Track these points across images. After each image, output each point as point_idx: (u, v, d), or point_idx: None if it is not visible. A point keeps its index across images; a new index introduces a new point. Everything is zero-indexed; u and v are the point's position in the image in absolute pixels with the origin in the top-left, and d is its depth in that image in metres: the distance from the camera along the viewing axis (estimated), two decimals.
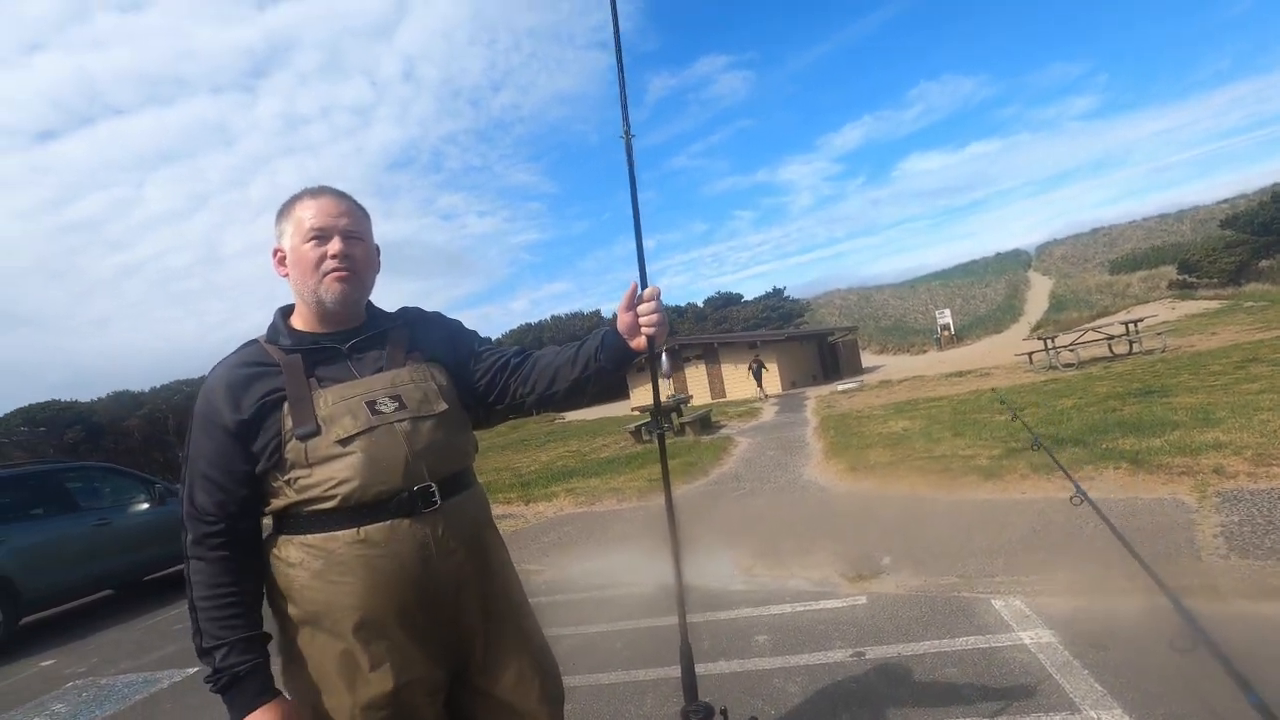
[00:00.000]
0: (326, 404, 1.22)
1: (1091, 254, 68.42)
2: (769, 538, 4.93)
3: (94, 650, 5.33)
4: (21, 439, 52.63)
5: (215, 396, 1.21)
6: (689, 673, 1.48)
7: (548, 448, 16.64)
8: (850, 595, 3.55)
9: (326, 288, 1.27)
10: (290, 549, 1.22)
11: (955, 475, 5.55)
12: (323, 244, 1.27)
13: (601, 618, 3.85)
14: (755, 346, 26.81)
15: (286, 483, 1.20)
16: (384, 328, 1.36)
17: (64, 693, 4.36)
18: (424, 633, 1.23)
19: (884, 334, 48.48)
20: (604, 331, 1.41)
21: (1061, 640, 2.65)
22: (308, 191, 1.31)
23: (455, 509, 1.29)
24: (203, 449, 1.21)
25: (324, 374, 1.26)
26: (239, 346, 1.30)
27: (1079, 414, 7.34)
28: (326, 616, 1.19)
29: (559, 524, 6.95)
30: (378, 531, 1.20)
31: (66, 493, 6.82)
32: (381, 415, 1.23)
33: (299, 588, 1.20)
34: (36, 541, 6.18)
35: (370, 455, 1.20)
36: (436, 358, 1.37)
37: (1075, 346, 13.87)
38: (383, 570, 1.19)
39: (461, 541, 1.29)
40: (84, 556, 6.50)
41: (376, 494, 1.20)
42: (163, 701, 3.86)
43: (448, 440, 1.30)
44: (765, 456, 9.10)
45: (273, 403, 1.20)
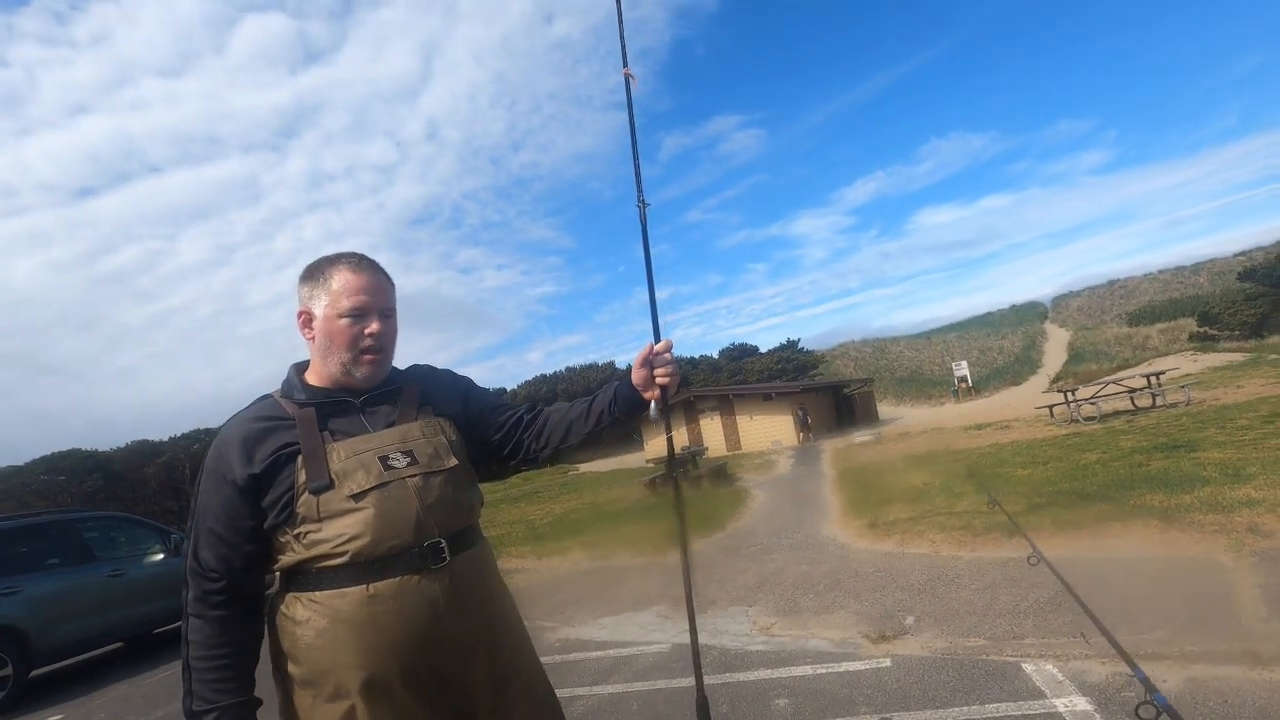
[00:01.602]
0: (340, 458, 1.22)
1: (1108, 306, 68.07)
2: (788, 596, 4.82)
3: (101, 705, 5.25)
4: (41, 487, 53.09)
5: (228, 450, 1.22)
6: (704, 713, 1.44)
7: (561, 499, 16.49)
8: (873, 657, 3.44)
9: (359, 366, 1.29)
10: (297, 606, 1.20)
11: (977, 532, 5.42)
12: (360, 322, 1.28)
13: (616, 678, 3.75)
14: (770, 398, 26.69)
15: (295, 538, 1.20)
16: (396, 384, 1.38)
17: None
18: (429, 693, 1.21)
19: (900, 386, 48.12)
20: (615, 385, 1.43)
21: (1095, 706, 2.54)
22: (345, 262, 1.31)
23: (464, 565, 1.28)
24: (211, 504, 1.21)
25: (336, 427, 1.27)
26: (253, 401, 1.32)
27: (1103, 469, 7.18)
28: (331, 676, 1.17)
29: (572, 579, 6.84)
30: (387, 588, 1.18)
31: (83, 542, 6.83)
32: (394, 470, 1.24)
33: (304, 647, 1.19)
34: (51, 592, 6.17)
35: (382, 510, 1.20)
36: (446, 413, 1.39)
37: (1096, 400, 13.66)
38: (390, 628, 1.18)
39: (470, 598, 1.28)
40: (97, 608, 6.47)
41: (387, 549, 1.19)
42: None
43: (456, 495, 1.31)
44: (782, 511, 8.95)
45: (286, 456, 1.21)
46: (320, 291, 1.30)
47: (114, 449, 62.16)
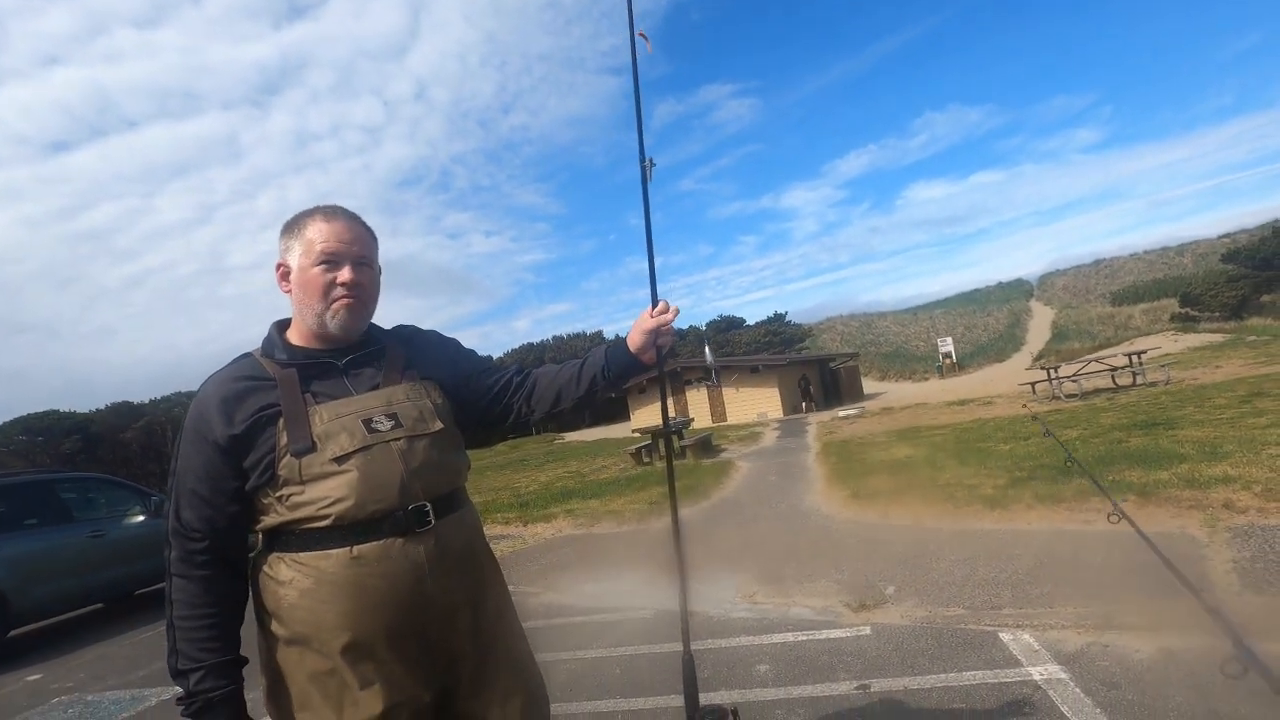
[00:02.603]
0: (322, 420, 1.20)
1: (1093, 285, 68.65)
2: (771, 564, 4.86)
3: (81, 665, 5.23)
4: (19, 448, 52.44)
5: (208, 410, 1.19)
6: (691, 684, 1.45)
7: (547, 468, 16.55)
8: (854, 625, 3.48)
9: (334, 314, 1.26)
10: (281, 567, 1.19)
11: (960, 504, 5.49)
12: (333, 270, 1.25)
13: (599, 643, 3.77)
14: (757, 370, 26.79)
15: (278, 500, 1.18)
16: (380, 345, 1.35)
17: (49, 709, 4.27)
18: (413, 654, 1.21)
19: (885, 361, 48.45)
20: (607, 348, 1.42)
21: (1072, 677, 2.58)
22: (320, 212, 1.29)
23: (449, 528, 1.27)
24: (191, 464, 1.19)
25: (319, 389, 1.24)
26: (232, 360, 1.28)
27: (1084, 445, 7.29)
28: (315, 636, 1.16)
29: (557, 546, 6.87)
30: (371, 550, 1.17)
31: (61, 503, 6.76)
32: (378, 433, 1.21)
33: (288, 606, 1.17)
34: (29, 552, 6.11)
35: (366, 474, 1.18)
36: (432, 376, 1.36)
37: (1078, 377, 13.83)
38: (374, 590, 1.17)
39: (454, 561, 1.27)
40: (77, 568, 6.42)
41: (371, 513, 1.17)
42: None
43: (442, 459, 1.28)
44: (767, 482, 9.03)
45: (267, 418, 1.18)
46: (295, 242, 1.27)
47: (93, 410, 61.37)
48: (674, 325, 1.41)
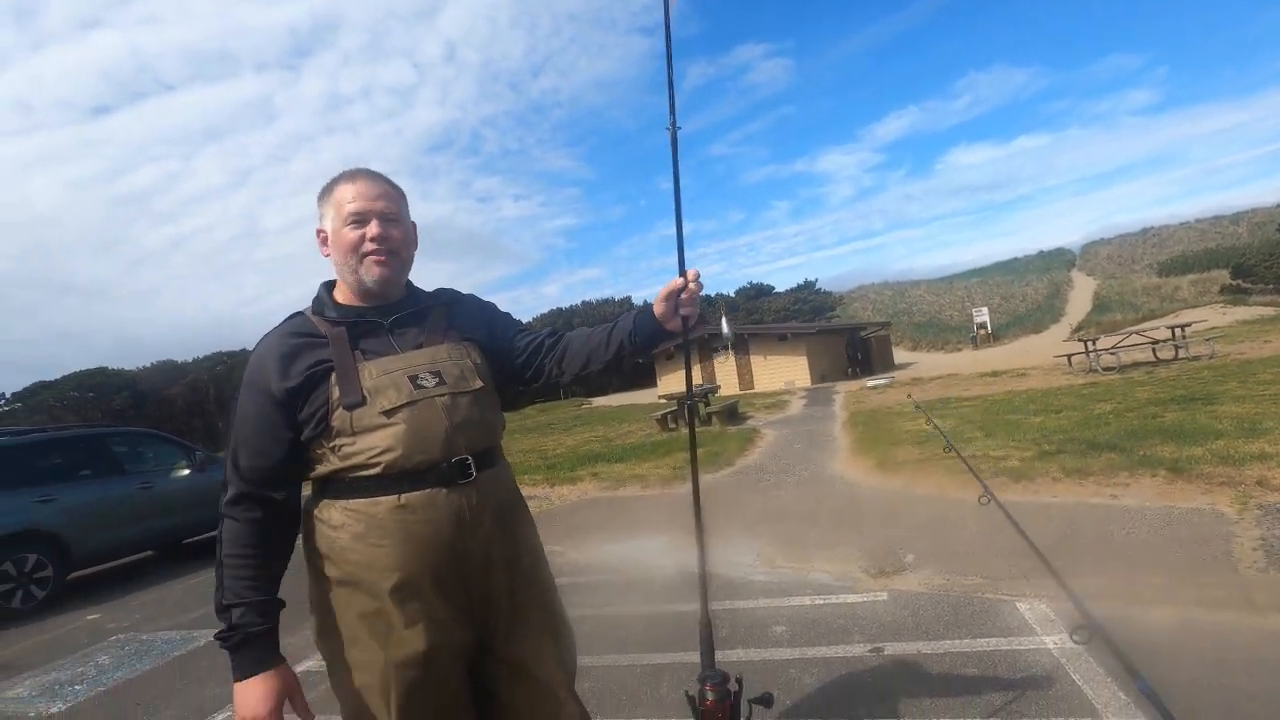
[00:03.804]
0: (371, 376, 1.27)
1: (1140, 255, 66.15)
2: (792, 530, 4.92)
3: (136, 607, 5.57)
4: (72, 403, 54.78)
5: (265, 364, 1.27)
6: (708, 641, 1.51)
7: (574, 432, 16.78)
8: (871, 591, 3.54)
9: (366, 270, 1.32)
10: (333, 512, 1.27)
11: (984, 476, 5.45)
12: (361, 227, 1.31)
13: (621, 601, 3.89)
14: (785, 339, 26.58)
15: (331, 450, 1.26)
16: (423, 306, 1.41)
17: (108, 645, 4.57)
18: (455, 598, 1.29)
19: (917, 331, 47.62)
20: (636, 314, 1.46)
21: (1087, 647, 2.60)
22: (345, 175, 1.35)
23: (488, 482, 1.34)
24: (249, 414, 1.27)
25: (367, 347, 1.31)
26: (286, 317, 1.36)
27: (1117, 419, 7.15)
28: (364, 578, 1.24)
29: (583, 507, 7.03)
30: (417, 499, 1.25)
31: (113, 456, 7.10)
32: (423, 389, 1.28)
33: (340, 549, 1.25)
34: (85, 502, 6.46)
35: (412, 427, 1.25)
36: (472, 337, 1.42)
37: (1117, 350, 13.47)
38: (420, 536, 1.24)
39: (493, 513, 1.34)
40: (128, 518, 6.77)
41: (418, 463, 1.25)
42: (199, 659, 4.02)
43: (482, 416, 1.35)
44: (791, 449, 9.05)
45: (321, 373, 1.25)
46: (328, 207, 1.34)
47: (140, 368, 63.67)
48: (700, 293, 1.41)
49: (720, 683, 1.46)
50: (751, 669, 2.81)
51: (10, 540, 5.80)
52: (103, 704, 3.53)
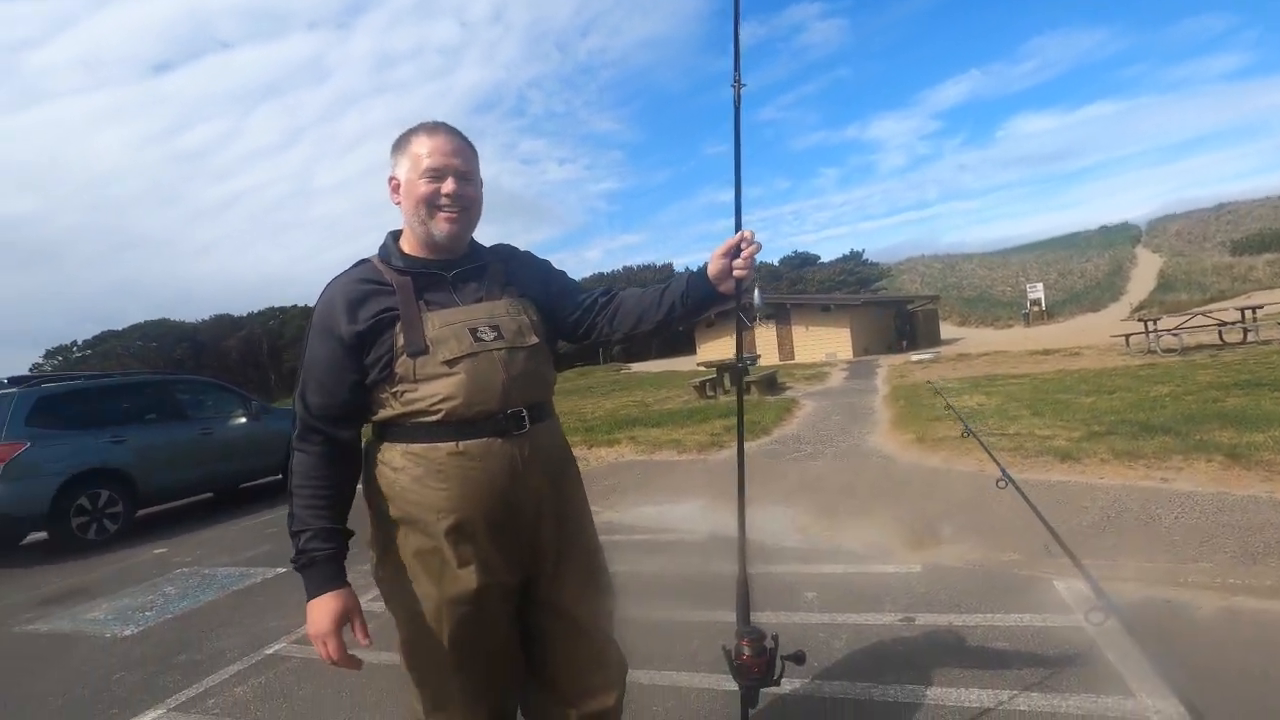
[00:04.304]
0: (434, 326, 1.32)
1: (1212, 232, 62.52)
2: (827, 500, 4.93)
3: (198, 544, 5.92)
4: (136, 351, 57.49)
5: (334, 307, 1.32)
6: (744, 600, 1.55)
7: (612, 396, 16.94)
8: (905, 563, 3.53)
9: (438, 225, 1.36)
10: (393, 455, 1.33)
11: (1028, 455, 5.35)
12: (436, 182, 1.34)
13: (654, 560, 3.98)
14: (829, 309, 26.16)
15: (393, 395, 1.31)
16: (483, 261, 1.45)
17: (174, 577, 4.89)
18: (505, 542, 1.35)
19: (967, 305, 46.22)
20: (689, 275, 1.47)
21: (1124, 627, 2.56)
22: (424, 127, 1.37)
23: (540, 434, 1.39)
24: (318, 354, 1.33)
25: (431, 298, 1.35)
26: (354, 263, 1.41)
27: (1174, 402, 6.89)
28: (422, 518, 1.31)
29: (620, 469, 7.14)
30: (475, 447, 1.30)
31: (177, 402, 7.49)
32: (482, 342, 1.33)
33: (399, 490, 1.32)
34: (152, 443, 6.85)
35: (472, 377, 1.30)
36: (528, 294, 1.46)
37: (1180, 331, 12.89)
38: (476, 482, 1.30)
39: (544, 464, 1.39)
40: (190, 461, 7.17)
41: (476, 413, 1.30)
42: (256, 594, 4.28)
43: (537, 370, 1.40)
44: (830, 421, 8.99)
45: (387, 320, 1.30)
46: (403, 157, 1.37)
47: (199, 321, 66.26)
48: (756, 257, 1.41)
49: (757, 638, 1.50)
50: (781, 631, 2.84)
51: (86, 476, 6.21)
52: (170, 629, 3.80)
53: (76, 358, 59.99)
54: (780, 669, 1.53)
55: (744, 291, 1.46)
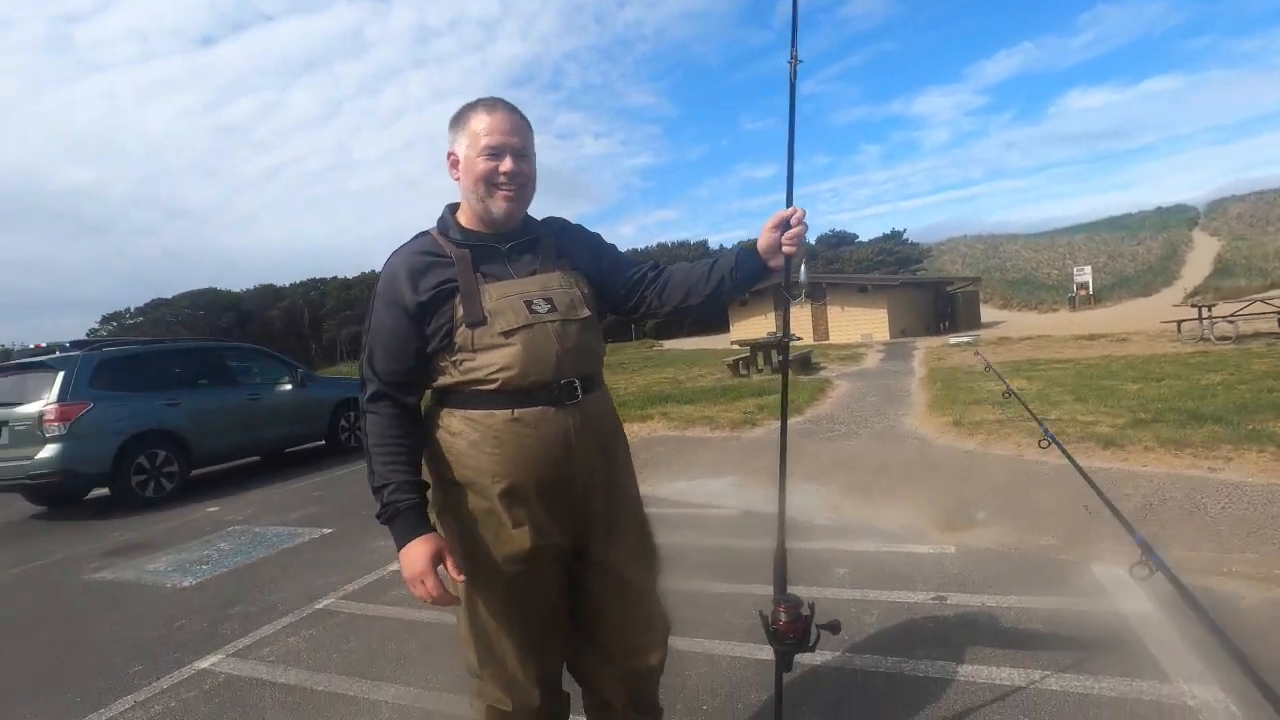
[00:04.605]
0: (491, 298, 1.37)
1: (1276, 215, 59.53)
2: (860, 479, 4.93)
3: (248, 504, 6.18)
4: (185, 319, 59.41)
5: (397, 278, 1.38)
6: (781, 568, 1.59)
7: (645, 373, 17.00)
8: (938, 544, 3.53)
9: (496, 204, 1.40)
10: (453, 420, 1.40)
11: (1069, 441, 5.25)
12: (494, 160, 1.37)
13: (688, 533, 4.04)
14: (865, 290, 25.73)
15: (453, 363, 1.37)
16: (536, 234, 1.49)
17: (227, 534, 5.13)
18: (557, 507, 1.41)
19: (1009, 288, 44.98)
20: (739, 250, 1.50)
21: (1163, 614, 2.55)
22: (483, 104, 1.41)
23: (591, 404, 1.45)
24: (383, 322, 1.39)
25: (487, 270, 1.40)
26: (414, 235, 1.47)
27: (1226, 391, 6.67)
28: (478, 481, 1.37)
29: (652, 444, 7.21)
30: (530, 414, 1.36)
31: (228, 369, 7.77)
32: (537, 314, 1.38)
33: (457, 453, 1.39)
34: (204, 407, 7.14)
35: (528, 348, 1.35)
36: (580, 267, 1.50)
37: (1236, 318, 12.39)
38: (530, 448, 1.36)
39: (594, 433, 1.45)
40: (239, 425, 7.45)
41: (531, 382, 1.35)
42: (303, 553, 4.47)
43: (589, 342, 1.45)
44: (865, 402, 8.92)
45: (447, 291, 1.36)
46: (462, 134, 1.40)
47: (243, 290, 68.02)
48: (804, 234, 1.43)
49: (794, 605, 1.54)
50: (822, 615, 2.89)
51: (144, 437, 6.52)
52: (225, 582, 4.00)
53: (129, 324, 62.32)
54: (815, 636, 1.57)
55: (792, 268, 1.48)
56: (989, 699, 2.11)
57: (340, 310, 62.32)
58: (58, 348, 6.94)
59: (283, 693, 2.60)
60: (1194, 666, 2.18)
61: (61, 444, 6.03)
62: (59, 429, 6.03)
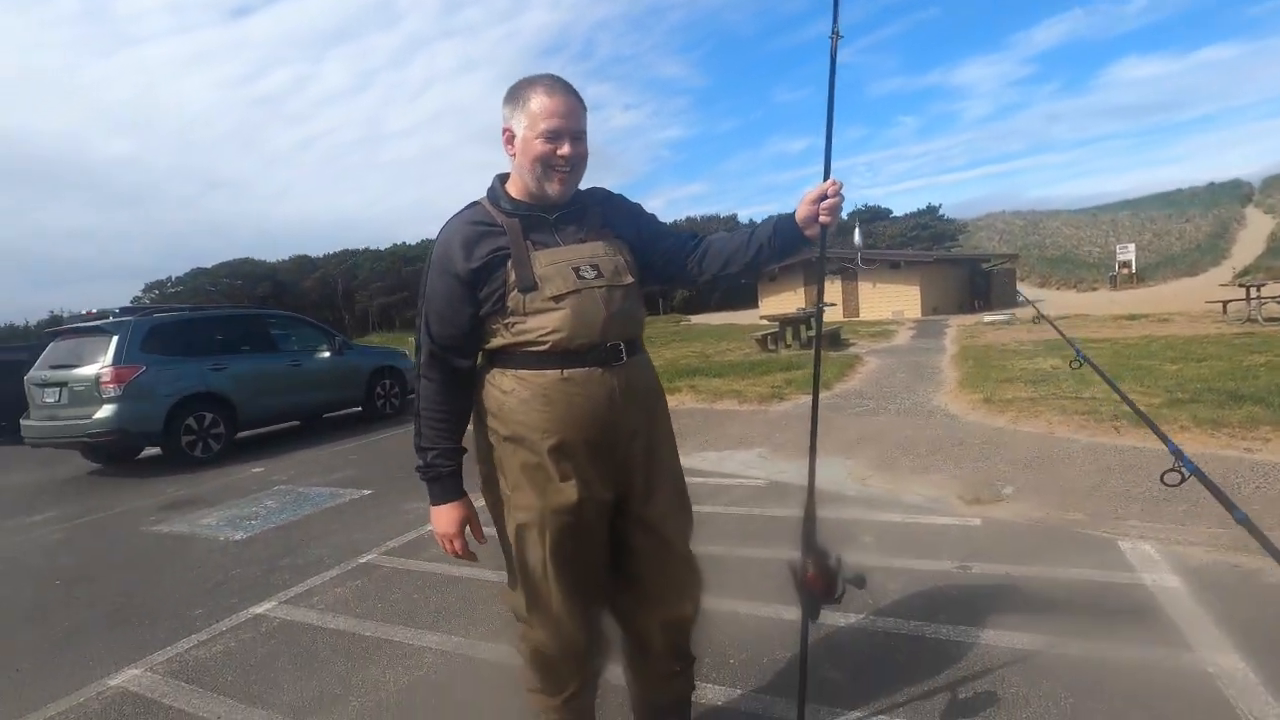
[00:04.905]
0: (541, 264, 1.44)
1: None
2: (887, 454, 4.96)
3: (291, 465, 6.44)
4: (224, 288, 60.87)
5: (451, 247, 1.46)
6: (811, 523, 1.67)
7: (672, 346, 17.05)
8: (964, 516, 3.57)
9: (552, 185, 1.46)
10: (505, 379, 1.49)
11: (1102, 419, 5.21)
12: (553, 142, 1.42)
13: (715, 501, 4.14)
14: (898, 266, 25.32)
15: (505, 326, 1.46)
16: (582, 204, 1.56)
17: (273, 492, 5.37)
18: (601, 463, 1.50)
19: (1048, 266, 43.78)
20: (777, 220, 1.55)
21: (1188, 588, 2.57)
22: (543, 85, 1.44)
23: (634, 367, 1.53)
24: (438, 289, 1.48)
25: (536, 238, 1.48)
26: (466, 205, 1.54)
27: (1269, 372, 6.50)
28: (528, 436, 1.47)
29: (679, 415, 7.28)
30: (578, 375, 1.45)
31: (269, 335, 8.02)
32: (584, 280, 1.45)
33: (509, 410, 1.48)
34: (249, 372, 7.41)
35: (576, 312, 1.43)
36: (623, 236, 1.57)
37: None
38: (578, 406, 1.45)
39: (637, 394, 1.53)
40: (281, 389, 7.72)
41: (579, 345, 1.44)
42: (345, 511, 4.67)
43: (632, 308, 1.53)
44: (894, 378, 8.88)
45: (499, 258, 1.44)
46: (520, 113, 1.45)
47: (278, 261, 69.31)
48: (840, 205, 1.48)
49: (822, 558, 1.62)
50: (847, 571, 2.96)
51: (192, 399, 6.81)
52: (274, 537, 4.22)
53: (171, 292, 64.11)
54: (842, 589, 1.65)
55: (832, 235, 1.53)
56: (1008, 661, 2.17)
57: (372, 281, 63.28)
58: (109, 314, 7.24)
59: (333, 637, 2.77)
60: (1216, 637, 2.22)
61: (117, 405, 6.34)
62: (114, 390, 6.33)
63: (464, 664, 2.46)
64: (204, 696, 2.38)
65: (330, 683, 2.40)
